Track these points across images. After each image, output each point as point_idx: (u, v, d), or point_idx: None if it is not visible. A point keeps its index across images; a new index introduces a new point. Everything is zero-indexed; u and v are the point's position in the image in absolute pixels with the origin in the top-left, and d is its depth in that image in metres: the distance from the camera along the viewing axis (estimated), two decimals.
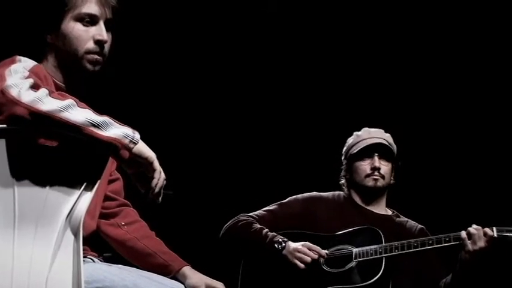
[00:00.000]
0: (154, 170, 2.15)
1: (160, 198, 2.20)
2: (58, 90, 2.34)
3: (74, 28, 2.34)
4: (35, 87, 2.07)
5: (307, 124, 4.87)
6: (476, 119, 4.70)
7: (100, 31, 2.36)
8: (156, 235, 2.67)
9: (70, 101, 2.07)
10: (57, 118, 2.04)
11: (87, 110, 2.09)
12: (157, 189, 2.17)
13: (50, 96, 2.06)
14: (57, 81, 2.38)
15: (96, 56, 2.36)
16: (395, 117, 4.50)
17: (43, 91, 2.06)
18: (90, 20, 2.35)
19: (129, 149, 2.10)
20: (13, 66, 2.17)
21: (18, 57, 2.26)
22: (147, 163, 2.14)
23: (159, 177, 2.16)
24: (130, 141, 2.09)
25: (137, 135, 2.12)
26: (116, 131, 2.08)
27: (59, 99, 2.07)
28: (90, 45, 2.35)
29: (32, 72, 2.19)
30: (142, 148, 2.13)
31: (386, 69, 4.79)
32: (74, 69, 2.38)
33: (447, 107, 4.75)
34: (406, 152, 3.70)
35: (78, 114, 2.06)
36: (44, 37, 2.36)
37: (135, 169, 2.17)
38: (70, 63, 2.36)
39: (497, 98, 4.67)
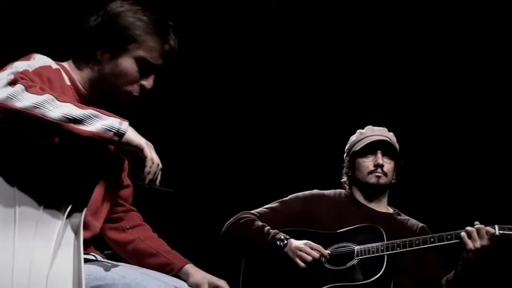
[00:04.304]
0: (145, 157, 2.14)
1: (157, 183, 2.20)
2: (80, 96, 2.33)
3: (130, 66, 2.34)
4: (12, 83, 2.03)
5: (309, 122, 4.86)
6: (477, 118, 4.70)
7: (151, 81, 2.37)
8: (158, 236, 2.68)
9: (48, 96, 2.04)
10: (31, 115, 2.01)
11: (67, 104, 2.06)
12: (150, 176, 2.16)
13: (26, 91, 2.02)
14: (82, 88, 2.37)
15: (132, 96, 2.37)
16: (397, 116, 4.49)
17: (19, 87, 2.02)
18: (146, 66, 2.35)
19: (114, 142, 2.09)
20: (17, 63, 2.16)
21: (34, 55, 2.25)
22: (138, 151, 2.13)
23: (151, 164, 2.15)
24: (115, 133, 2.08)
25: (124, 126, 2.10)
26: (98, 124, 2.07)
27: (37, 94, 2.03)
28: (135, 88, 2.36)
29: (35, 72, 2.17)
30: (131, 137, 2.12)
31: (388, 68, 4.78)
32: (104, 94, 2.37)
33: (449, 106, 4.75)
34: (407, 150, 3.69)
35: (56, 109, 2.03)
36: (93, 49, 2.34)
37: (129, 157, 2.17)
38: (105, 88, 2.36)
39: (497, 98, 4.67)
